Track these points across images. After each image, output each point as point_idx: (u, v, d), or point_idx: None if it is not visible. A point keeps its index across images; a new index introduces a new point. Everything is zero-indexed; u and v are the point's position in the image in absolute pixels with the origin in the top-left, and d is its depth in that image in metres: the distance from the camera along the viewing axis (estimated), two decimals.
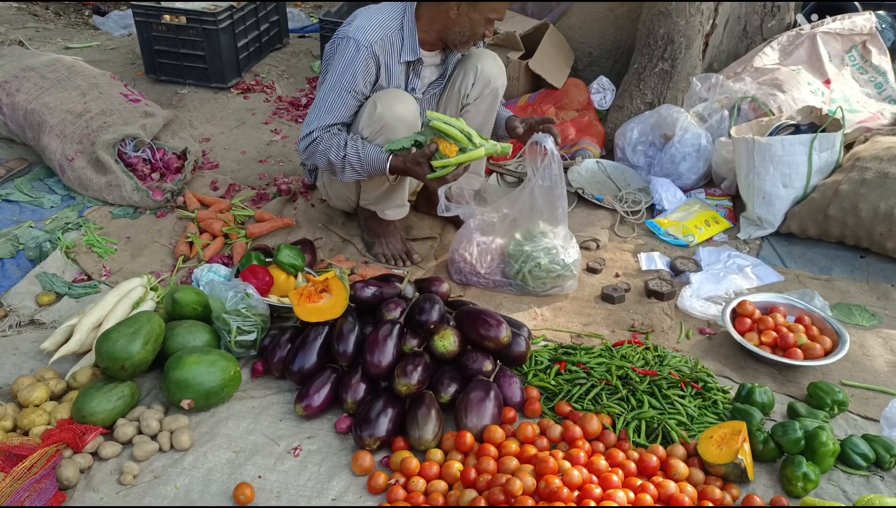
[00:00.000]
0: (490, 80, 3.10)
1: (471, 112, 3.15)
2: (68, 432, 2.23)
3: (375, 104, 2.87)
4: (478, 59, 3.10)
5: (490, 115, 3.21)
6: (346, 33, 2.83)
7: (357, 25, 2.82)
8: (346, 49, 2.82)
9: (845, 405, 2.52)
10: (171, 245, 3.35)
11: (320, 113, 2.90)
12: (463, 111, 3.15)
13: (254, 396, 2.52)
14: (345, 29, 2.86)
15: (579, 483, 2.09)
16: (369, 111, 2.89)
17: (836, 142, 3.48)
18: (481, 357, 2.51)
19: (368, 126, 2.90)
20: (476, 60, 3.10)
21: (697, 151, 3.84)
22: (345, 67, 2.83)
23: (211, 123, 4.54)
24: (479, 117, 3.17)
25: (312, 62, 5.46)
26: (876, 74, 4.35)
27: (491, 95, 3.14)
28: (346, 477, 2.23)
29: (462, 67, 3.12)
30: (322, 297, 2.63)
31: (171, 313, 2.65)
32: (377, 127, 2.89)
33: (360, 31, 2.81)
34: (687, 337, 2.92)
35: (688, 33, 4.10)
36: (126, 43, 5.71)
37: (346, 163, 2.90)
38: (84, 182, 3.57)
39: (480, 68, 3.08)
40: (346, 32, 2.83)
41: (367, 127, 2.91)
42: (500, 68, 3.16)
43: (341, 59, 2.83)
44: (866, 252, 3.42)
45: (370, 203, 3.21)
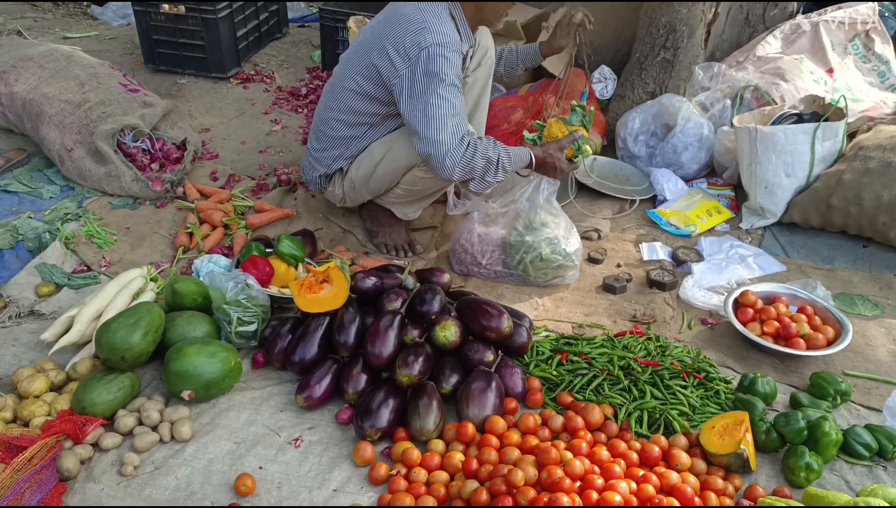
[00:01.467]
0: (487, 49, 3.19)
1: (468, 82, 3.17)
2: (69, 423, 2.22)
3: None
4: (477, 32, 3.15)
5: (488, 82, 3.29)
6: (433, 40, 2.70)
7: (437, 30, 2.72)
8: (441, 54, 2.71)
9: (848, 395, 2.51)
10: (170, 236, 3.34)
11: (457, 119, 2.76)
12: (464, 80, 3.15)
13: (254, 387, 2.51)
14: (426, 37, 2.70)
15: (581, 473, 2.08)
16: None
17: (839, 131, 3.46)
18: (483, 348, 2.50)
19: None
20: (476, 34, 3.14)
21: (699, 141, 3.82)
22: (450, 69, 2.74)
23: (210, 113, 4.52)
24: (478, 86, 3.21)
25: (312, 52, 5.43)
26: (879, 62, 4.32)
27: (487, 64, 3.22)
28: (347, 468, 2.22)
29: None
30: (323, 288, 2.62)
31: (172, 303, 2.64)
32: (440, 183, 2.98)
33: (444, 35, 2.72)
34: (689, 327, 2.91)
35: (690, 22, 4.07)
36: (125, 33, 5.68)
37: (500, 164, 2.84)
38: (83, 173, 3.55)
39: (477, 39, 3.13)
40: (433, 39, 2.70)
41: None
42: (491, 38, 3.24)
43: (443, 64, 2.71)
44: (869, 242, 3.41)
45: (390, 203, 3.21)
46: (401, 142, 2.98)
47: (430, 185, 3.08)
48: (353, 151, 3.08)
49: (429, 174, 2.99)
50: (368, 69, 2.88)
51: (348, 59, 3.05)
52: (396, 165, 3.01)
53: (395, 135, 3.02)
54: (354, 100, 2.96)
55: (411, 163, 2.99)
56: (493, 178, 2.86)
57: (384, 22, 2.88)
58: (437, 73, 2.70)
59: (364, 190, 3.14)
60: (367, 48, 2.90)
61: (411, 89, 2.74)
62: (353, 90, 2.95)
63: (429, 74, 2.70)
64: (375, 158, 3.03)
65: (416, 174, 3.02)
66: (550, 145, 2.98)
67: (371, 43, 2.88)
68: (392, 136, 3.02)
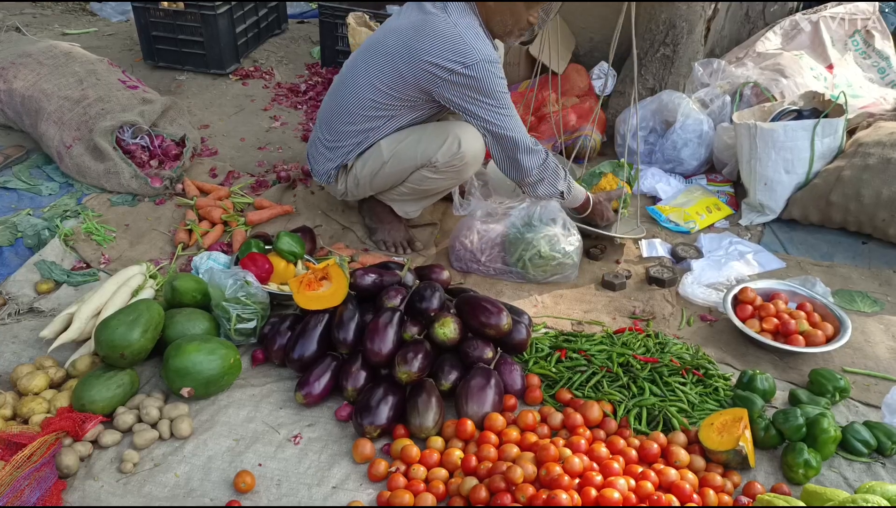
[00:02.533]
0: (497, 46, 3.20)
1: None
2: (68, 420, 2.22)
3: (459, 142, 2.92)
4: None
5: None
6: (479, 57, 2.72)
7: (479, 48, 2.73)
8: (490, 71, 2.74)
9: (847, 392, 2.51)
10: (170, 233, 3.33)
11: (522, 129, 2.92)
12: None
13: (254, 384, 2.51)
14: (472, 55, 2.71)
15: (580, 470, 2.09)
16: (450, 145, 2.93)
17: (839, 127, 3.46)
18: (482, 345, 2.50)
19: (446, 157, 2.95)
20: None
21: (699, 137, 3.82)
22: (499, 83, 2.79)
23: (209, 109, 4.52)
24: None
25: (312, 48, 5.42)
26: (879, 58, 4.32)
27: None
28: (346, 465, 2.23)
29: None
30: (322, 285, 2.62)
31: (171, 300, 2.64)
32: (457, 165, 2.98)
33: (484, 51, 2.73)
34: (688, 324, 2.91)
35: (689, 18, 4.07)
36: (124, 29, 5.67)
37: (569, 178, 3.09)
38: (82, 169, 3.55)
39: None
40: (479, 56, 2.72)
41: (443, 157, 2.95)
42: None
43: (493, 80, 2.76)
44: (868, 238, 3.41)
45: (392, 200, 3.20)
46: (409, 141, 2.97)
47: (437, 185, 3.08)
48: (370, 141, 3.04)
49: (437, 175, 3.00)
50: (399, 80, 2.86)
51: (366, 60, 2.97)
52: (404, 166, 3.01)
53: (405, 134, 3.01)
54: (380, 96, 2.93)
55: (419, 163, 2.99)
56: (561, 186, 3.04)
57: (415, 35, 2.79)
58: (489, 88, 2.77)
59: (368, 187, 3.13)
60: (393, 58, 2.84)
61: (468, 104, 2.82)
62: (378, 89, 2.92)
63: (482, 91, 2.77)
64: (383, 157, 3.01)
65: (423, 174, 3.02)
66: (601, 194, 3.30)
67: (400, 55, 2.82)
68: (401, 134, 3.01)
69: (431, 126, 3.01)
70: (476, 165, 3.05)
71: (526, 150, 2.92)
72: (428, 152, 2.95)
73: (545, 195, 3.05)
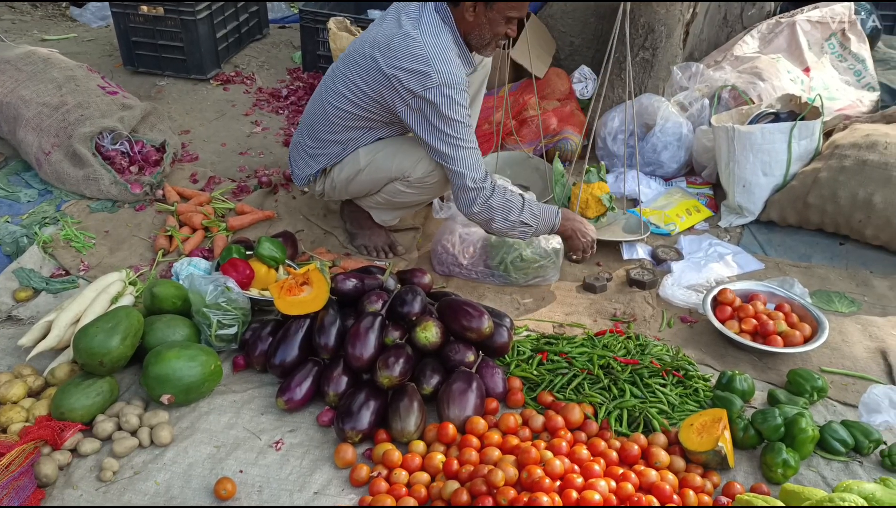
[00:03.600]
0: (486, 62, 3.26)
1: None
2: (47, 428, 2.21)
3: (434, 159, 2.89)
4: None
5: (481, 88, 3.36)
6: (438, 81, 2.65)
7: (442, 70, 2.66)
8: (446, 95, 2.67)
9: (824, 392, 2.54)
10: (150, 239, 3.32)
11: (472, 163, 2.79)
12: None
13: (235, 390, 2.51)
14: (432, 78, 2.65)
15: (561, 472, 2.10)
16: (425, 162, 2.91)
17: (816, 130, 3.50)
18: (463, 348, 2.50)
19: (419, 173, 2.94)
20: None
21: (678, 140, 3.85)
22: (457, 109, 2.71)
23: (190, 115, 4.50)
24: (471, 90, 3.22)
25: (293, 53, 5.41)
26: (855, 61, 4.36)
27: (483, 70, 3.28)
28: (328, 470, 2.22)
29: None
30: (303, 290, 2.62)
31: (151, 307, 2.63)
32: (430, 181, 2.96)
33: (449, 75, 2.67)
34: (668, 326, 2.93)
35: (668, 22, 4.10)
36: (104, 34, 5.64)
37: (525, 206, 2.88)
38: (61, 176, 3.52)
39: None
40: (439, 80, 2.65)
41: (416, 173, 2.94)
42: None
43: (449, 105, 2.68)
44: (845, 239, 3.44)
45: (369, 207, 3.20)
46: (386, 153, 2.97)
47: (410, 198, 3.07)
48: (351, 150, 3.02)
49: (410, 189, 3.00)
50: (369, 94, 2.83)
51: (343, 70, 2.93)
52: (379, 176, 3.00)
53: (383, 144, 3.00)
54: (355, 108, 2.91)
55: (393, 176, 2.98)
56: (516, 217, 2.85)
57: (386, 51, 2.74)
58: (445, 115, 2.70)
59: (344, 192, 3.13)
60: (365, 71, 2.81)
61: (421, 127, 2.77)
62: (352, 101, 2.89)
63: (438, 116, 2.71)
64: (359, 165, 3.00)
65: (396, 187, 3.01)
66: (578, 220, 3.09)
67: (369, 69, 2.79)
68: (380, 144, 3.00)
69: (407, 141, 3.00)
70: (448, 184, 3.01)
71: (465, 188, 2.79)
72: (403, 166, 2.94)
73: (504, 229, 2.88)
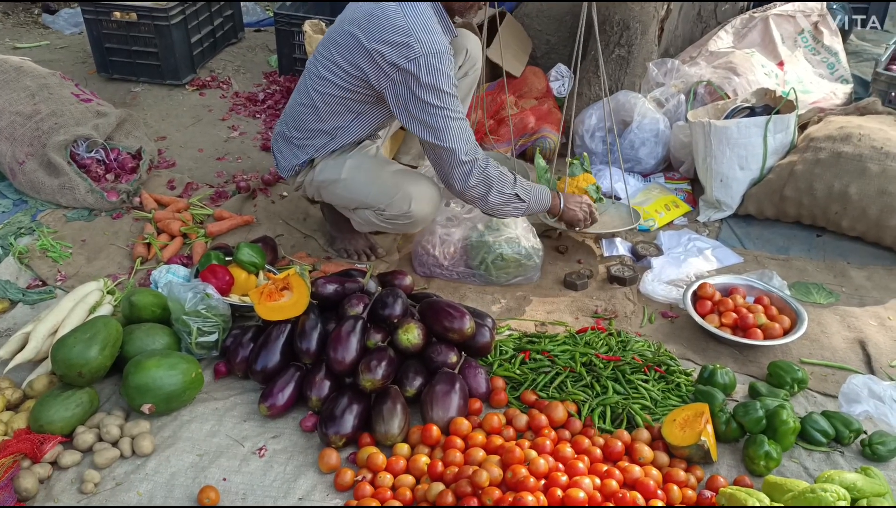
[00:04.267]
0: (475, 61, 3.26)
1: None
2: (26, 442, 2.18)
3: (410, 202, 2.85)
4: (466, 40, 3.18)
5: (470, 92, 3.35)
6: (422, 51, 2.55)
7: (425, 39, 2.57)
8: (432, 64, 2.57)
9: (805, 383, 2.56)
10: (128, 247, 3.29)
11: (464, 125, 2.70)
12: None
13: (217, 397, 2.49)
14: (415, 48, 2.56)
15: (546, 471, 2.10)
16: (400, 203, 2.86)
17: (790, 123, 3.53)
18: (446, 349, 2.50)
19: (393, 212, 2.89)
20: (465, 42, 3.17)
21: (656, 136, 3.87)
22: (444, 78, 2.60)
23: (166, 120, 4.46)
24: (460, 94, 3.15)
25: (269, 56, 5.38)
26: (828, 54, 4.41)
27: (473, 75, 3.28)
28: (312, 476, 2.21)
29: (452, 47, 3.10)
30: (283, 295, 2.61)
31: (129, 316, 2.61)
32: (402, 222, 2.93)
33: (433, 43, 2.57)
34: (650, 321, 2.94)
35: (643, 19, 4.12)
36: (77, 41, 5.58)
37: (518, 182, 2.83)
38: (36, 185, 3.48)
39: (469, 50, 3.19)
40: (422, 50, 2.56)
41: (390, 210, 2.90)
42: (480, 52, 3.29)
43: (435, 75, 2.58)
44: (822, 231, 3.48)
45: (347, 214, 3.12)
46: (367, 177, 2.91)
47: (382, 229, 3.02)
48: (340, 141, 2.94)
49: (382, 222, 2.94)
50: (353, 67, 2.72)
51: (324, 53, 2.84)
52: (353, 196, 2.94)
53: (369, 163, 2.95)
54: (339, 90, 2.81)
55: (368, 204, 2.92)
56: (510, 189, 2.79)
57: (367, 25, 2.65)
58: (431, 85, 2.59)
59: (317, 193, 3.06)
60: (346, 49, 2.72)
61: (407, 102, 2.65)
62: (335, 83, 2.79)
63: (423, 87, 2.60)
64: (340, 174, 2.93)
65: (369, 217, 2.96)
66: (572, 200, 3.09)
67: (351, 47, 2.70)
68: (366, 162, 2.95)
69: (391, 173, 2.93)
70: (424, 224, 3.01)
71: (461, 162, 2.70)
72: (378, 200, 2.88)
73: (499, 205, 2.82)
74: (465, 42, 3.17)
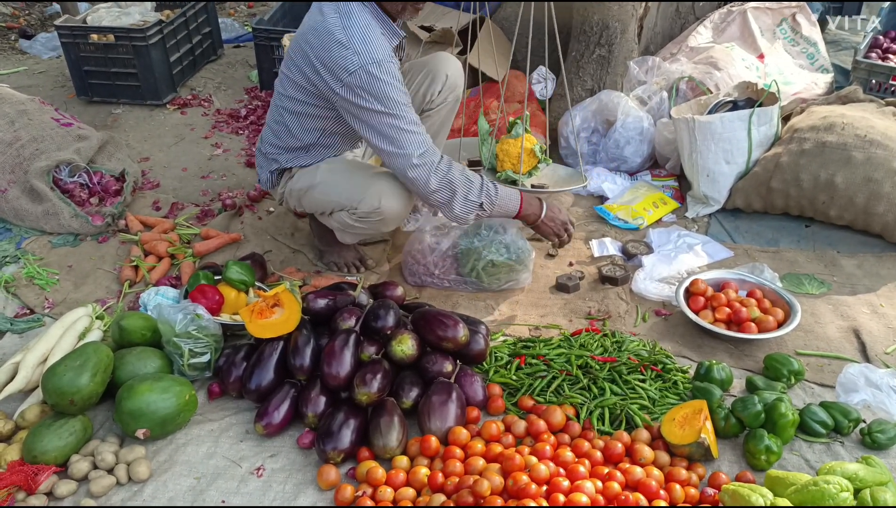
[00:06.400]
0: (455, 87, 3.20)
1: (432, 116, 3.18)
2: (19, 474, 2.16)
3: (380, 198, 2.81)
4: (446, 65, 3.14)
5: (448, 118, 3.29)
6: (360, 62, 2.55)
7: (364, 50, 2.56)
8: (373, 74, 2.57)
9: (801, 375, 2.56)
10: (115, 271, 3.26)
11: (417, 130, 2.67)
12: (423, 115, 3.15)
13: (212, 419, 2.46)
14: (354, 60, 2.56)
15: (547, 477, 2.09)
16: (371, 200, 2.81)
17: (774, 115, 3.54)
18: (441, 359, 2.49)
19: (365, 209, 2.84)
20: (445, 67, 3.13)
21: (640, 135, 3.87)
22: (387, 87, 2.59)
23: (148, 141, 4.43)
24: (438, 120, 3.22)
25: (249, 72, 5.36)
26: (807, 45, 4.43)
27: (453, 101, 3.23)
28: (312, 493, 2.19)
29: (429, 72, 3.12)
30: (274, 312, 2.59)
31: (119, 341, 2.58)
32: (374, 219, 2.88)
33: (371, 53, 2.57)
34: (644, 320, 2.94)
35: (621, 18, 4.12)
36: (55, 65, 5.55)
37: (484, 187, 2.77)
38: (19, 213, 3.45)
39: (449, 76, 3.13)
40: (361, 61, 2.55)
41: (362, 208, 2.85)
42: (462, 76, 3.22)
43: (377, 84, 2.58)
44: (811, 221, 3.48)
45: (330, 225, 3.10)
46: (340, 179, 2.90)
47: (359, 230, 2.99)
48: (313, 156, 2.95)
49: (357, 222, 2.91)
50: (308, 82, 2.74)
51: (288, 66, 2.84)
52: (328, 198, 2.92)
53: (341, 167, 2.95)
54: (301, 106, 2.82)
55: (342, 205, 2.90)
56: (476, 197, 2.75)
57: (312, 36, 2.67)
58: (374, 93, 2.59)
59: (298, 204, 3.06)
60: (301, 61, 2.73)
61: (357, 112, 2.65)
62: (297, 99, 2.81)
63: (368, 96, 2.60)
64: (315, 179, 2.93)
65: (343, 218, 2.93)
66: (545, 202, 2.99)
67: (302, 64, 2.72)
68: (338, 166, 2.95)
69: (364, 172, 2.92)
70: (396, 222, 2.98)
71: (415, 166, 2.66)
72: (351, 198, 2.86)
73: (464, 213, 2.78)
74: (445, 67, 3.13)
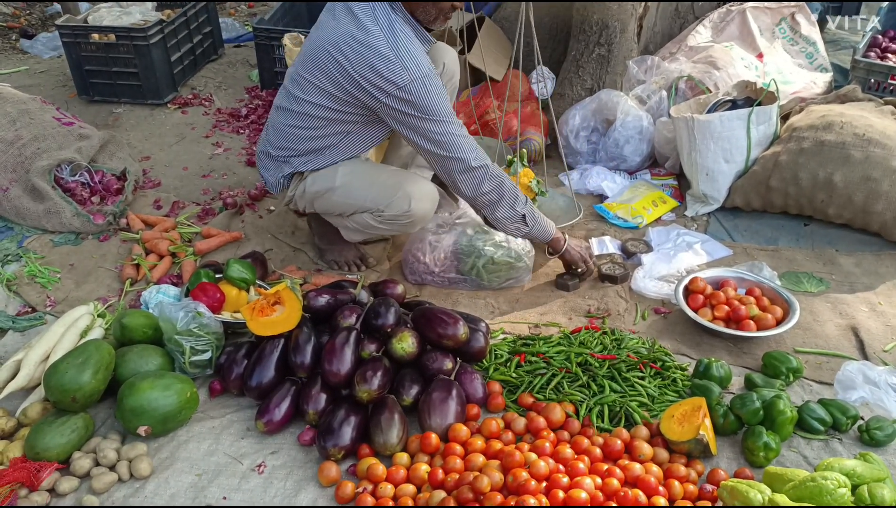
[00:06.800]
0: (453, 74, 3.24)
1: None
2: (22, 470, 2.16)
3: (410, 201, 2.87)
4: (443, 54, 3.17)
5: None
6: (410, 77, 2.62)
7: (411, 64, 2.63)
8: (424, 87, 2.65)
9: (800, 372, 2.57)
10: (116, 269, 3.27)
11: (468, 138, 2.80)
12: None
13: (213, 416, 2.47)
14: (403, 75, 2.62)
15: (546, 473, 2.10)
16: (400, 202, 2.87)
17: (773, 114, 3.55)
18: (441, 356, 2.50)
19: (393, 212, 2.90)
20: (442, 56, 3.15)
21: (640, 134, 3.88)
22: (436, 98, 2.69)
23: (149, 140, 4.45)
24: None
25: (250, 71, 5.37)
26: (806, 44, 4.44)
27: (450, 89, 3.25)
28: (313, 490, 2.20)
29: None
30: (275, 309, 2.60)
31: (121, 338, 2.59)
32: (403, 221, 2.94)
33: (419, 67, 2.64)
34: (643, 318, 2.95)
35: (621, 17, 4.14)
36: (56, 65, 5.56)
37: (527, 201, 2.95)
38: (21, 212, 3.46)
39: (446, 64, 3.18)
40: (410, 76, 2.62)
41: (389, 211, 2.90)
42: (458, 63, 3.28)
43: (426, 97, 2.67)
44: (809, 220, 3.50)
45: (338, 223, 3.12)
46: (364, 181, 2.92)
47: (380, 231, 3.05)
48: (328, 159, 2.95)
49: (381, 224, 2.95)
50: (342, 92, 2.75)
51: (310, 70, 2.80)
52: (351, 201, 2.94)
53: (363, 168, 2.97)
54: (328, 112, 2.82)
55: (366, 207, 2.93)
56: (521, 208, 2.91)
57: (349, 44, 2.65)
58: (425, 107, 2.68)
59: (310, 205, 3.07)
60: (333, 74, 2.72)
61: (404, 119, 2.73)
62: (323, 106, 2.81)
63: (419, 110, 2.68)
64: (335, 182, 2.93)
65: (367, 219, 2.96)
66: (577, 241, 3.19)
67: (340, 72, 2.70)
68: (359, 167, 2.96)
69: (388, 174, 2.96)
70: (423, 222, 3.02)
71: (471, 169, 2.80)
72: (377, 201, 2.89)
73: (505, 219, 2.92)
74: (443, 56, 3.16)
